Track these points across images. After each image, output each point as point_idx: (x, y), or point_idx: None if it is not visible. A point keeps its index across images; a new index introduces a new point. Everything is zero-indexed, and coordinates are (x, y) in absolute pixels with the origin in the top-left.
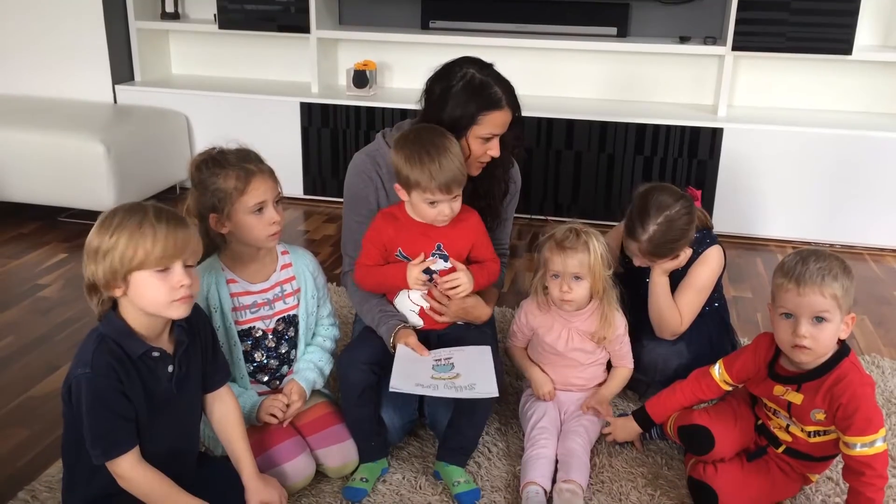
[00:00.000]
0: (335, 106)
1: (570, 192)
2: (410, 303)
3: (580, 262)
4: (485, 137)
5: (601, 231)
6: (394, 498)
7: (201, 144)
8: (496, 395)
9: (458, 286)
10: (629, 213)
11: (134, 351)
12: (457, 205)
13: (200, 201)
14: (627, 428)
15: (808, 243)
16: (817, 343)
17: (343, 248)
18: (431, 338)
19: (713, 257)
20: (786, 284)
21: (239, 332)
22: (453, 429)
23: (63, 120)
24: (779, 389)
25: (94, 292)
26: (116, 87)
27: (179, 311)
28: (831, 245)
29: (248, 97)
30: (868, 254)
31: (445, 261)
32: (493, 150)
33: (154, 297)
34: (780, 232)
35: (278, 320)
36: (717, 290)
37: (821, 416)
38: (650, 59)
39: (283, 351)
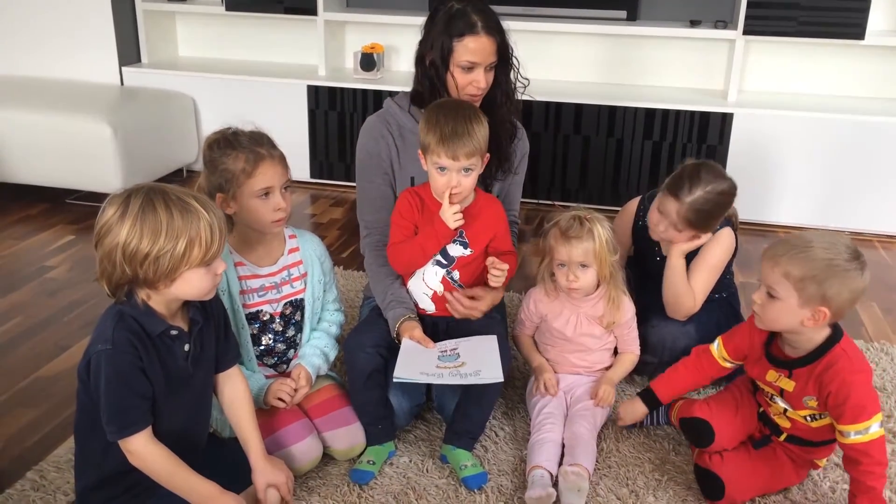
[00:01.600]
0: (342, 89)
1: (578, 177)
2: (424, 285)
3: (585, 250)
4: (464, 66)
5: (608, 217)
6: (401, 481)
7: (208, 127)
8: (501, 380)
9: (499, 275)
10: (677, 174)
11: (154, 329)
12: (467, 181)
13: (209, 180)
14: (634, 409)
15: (817, 230)
16: (763, 312)
17: (359, 214)
18: (440, 325)
19: (725, 237)
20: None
21: (246, 315)
22: (461, 413)
23: (70, 102)
24: (772, 375)
25: (122, 287)
26: (123, 68)
27: (211, 295)
28: (841, 232)
29: (255, 80)
30: (878, 240)
31: (465, 248)
32: (479, 80)
33: (201, 287)
34: (789, 218)
35: (285, 304)
36: (728, 276)
37: (813, 402)
38: (660, 43)
39: (290, 335)
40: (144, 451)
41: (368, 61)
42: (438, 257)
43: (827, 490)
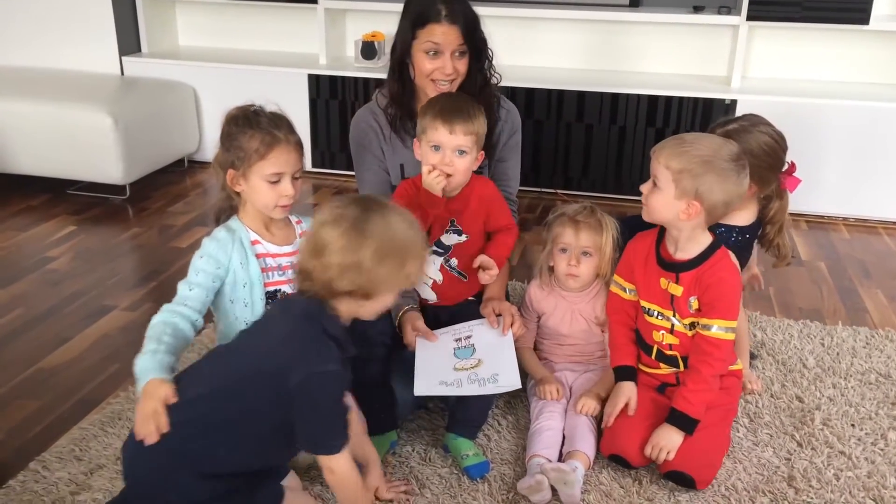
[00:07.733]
0: (343, 77)
1: (581, 165)
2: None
3: (592, 237)
4: (426, 51)
5: (612, 206)
6: (403, 470)
7: (209, 117)
8: (518, 386)
9: (488, 280)
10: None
11: (347, 353)
12: (460, 163)
13: (224, 155)
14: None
15: (822, 217)
16: (647, 201)
17: None
18: (442, 315)
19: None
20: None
21: (266, 293)
22: (463, 402)
23: (70, 92)
24: (664, 282)
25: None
26: (123, 58)
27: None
28: (845, 219)
29: (256, 69)
30: (882, 227)
31: (459, 235)
32: (444, 66)
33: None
34: (792, 205)
35: None
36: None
37: (696, 304)
38: (663, 29)
39: None
40: (347, 469)
41: (369, 49)
42: (433, 247)
43: (831, 477)
